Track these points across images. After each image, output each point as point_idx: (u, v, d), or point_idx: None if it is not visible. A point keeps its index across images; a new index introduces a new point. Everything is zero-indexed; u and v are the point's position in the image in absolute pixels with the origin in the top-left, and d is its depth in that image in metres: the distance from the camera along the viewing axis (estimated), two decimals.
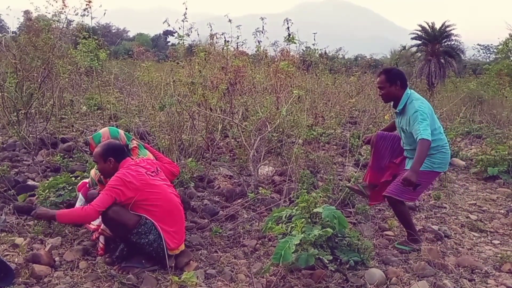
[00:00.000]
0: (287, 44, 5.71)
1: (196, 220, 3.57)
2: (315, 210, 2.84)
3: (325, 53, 9.70)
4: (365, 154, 6.00)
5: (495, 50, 25.43)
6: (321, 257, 2.59)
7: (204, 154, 5.38)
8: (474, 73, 20.76)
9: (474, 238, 3.63)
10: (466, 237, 3.65)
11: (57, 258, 2.77)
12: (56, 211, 2.59)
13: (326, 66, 8.37)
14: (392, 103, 3.36)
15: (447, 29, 24.16)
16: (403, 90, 3.19)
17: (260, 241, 3.26)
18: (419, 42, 25.07)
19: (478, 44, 33.69)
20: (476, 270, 2.95)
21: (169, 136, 4.89)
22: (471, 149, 7.34)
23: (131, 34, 50.63)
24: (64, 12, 6.12)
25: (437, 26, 24.37)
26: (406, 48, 26.66)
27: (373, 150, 3.54)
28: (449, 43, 24.39)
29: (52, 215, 2.56)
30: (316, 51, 8.25)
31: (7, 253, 2.81)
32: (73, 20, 7.57)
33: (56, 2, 5.98)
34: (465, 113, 9.38)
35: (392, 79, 3.18)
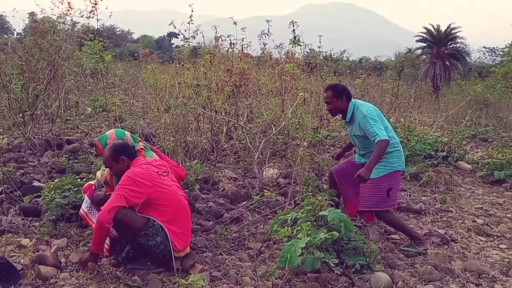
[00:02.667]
0: (292, 47, 5.70)
1: (201, 222, 3.57)
2: (321, 213, 2.83)
3: (331, 55, 9.68)
4: None
5: (501, 53, 25.24)
6: (327, 260, 2.57)
7: (209, 156, 5.38)
8: (480, 76, 20.62)
9: (480, 243, 3.59)
10: (472, 241, 3.61)
11: (62, 260, 2.78)
12: (90, 249, 2.62)
13: (331, 68, 8.35)
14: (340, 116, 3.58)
15: (453, 31, 24.06)
16: (348, 103, 3.39)
17: (265, 244, 3.25)
18: (424, 44, 24.97)
19: (484, 47, 33.42)
20: (483, 275, 2.92)
21: (174, 138, 4.90)
22: (477, 153, 7.29)
23: (135, 36, 50.89)
24: (70, 14, 6.17)
25: (443, 28, 24.30)
26: (412, 50, 26.58)
27: (338, 186, 3.60)
28: (455, 45, 24.27)
29: (91, 253, 2.61)
30: (321, 53, 8.23)
31: (13, 254, 2.82)
32: (78, 22, 7.62)
33: (62, 4, 6.04)
34: (471, 116, 9.31)
35: (338, 94, 3.39)
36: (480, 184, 5.49)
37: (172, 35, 44.00)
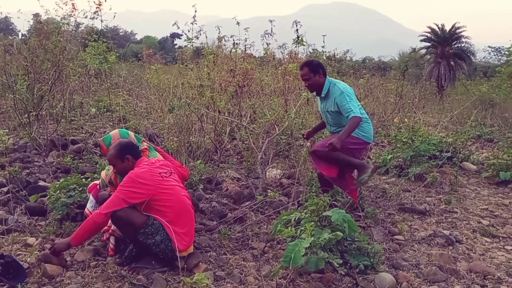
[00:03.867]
0: (296, 47, 5.71)
1: (204, 222, 3.57)
2: (324, 213, 2.83)
3: (334, 55, 9.67)
4: (374, 158, 5.97)
5: (506, 53, 25.08)
6: (331, 260, 2.57)
7: (212, 156, 5.39)
8: (485, 76, 20.49)
9: (486, 244, 3.57)
10: (478, 242, 3.59)
11: (68, 258, 2.79)
12: (69, 238, 2.61)
13: (334, 68, 8.33)
14: (315, 93, 3.70)
15: (457, 31, 23.88)
16: (325, 78, 3.52)
17: (268, 243, 3.25)
18: (428, 44, 24.82)
19: (489, 46, 33.17)
20: (489, 276, 2.90)
21: (177, 139, 4.91)
22: (482, 153, 7.24)
23: (138, 37, 51.10)
24: (74, 15, 6.21)
25: (447, 28, 24.14)
26: (416, 50, 26.45)
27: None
28: (459, 45, 24.07)
29: (67, 243, 2.60)
30: (324, 53, 8.22)
31: (19, 252, 2.85)
32: (82, 23, 7.66)
33: (66, 5, 6.08)
34: (476, 116, 9.25)
35: (315, 69, 3.49)
36: (485, 185, 5.45)
37: (175, 35, 44.14)
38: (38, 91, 5.92)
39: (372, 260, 2.83)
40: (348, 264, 2.75)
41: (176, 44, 44.01)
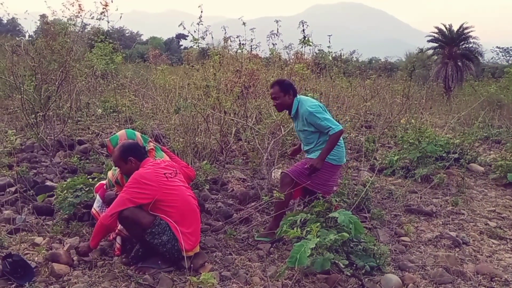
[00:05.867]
0: (302, 47, 5.69)
1: (210, 222, 3.58)
2: (331, 214, 2.82)
3: (340, 55, 9.63)
4: (380, 159, 5.94)
5: None
6: (337, 261, 2.56)
7: (218, 157, 5.40)
8: (493, 77, 20.24)
9: (493, 246, 3.54)
10: (485, 244, 3.56)
11: (75, 258, 2.82)
12: (89, 242, 2.73)
13: (340, 69, 8.30)
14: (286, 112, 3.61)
15: (465, 31, 23.69)
16: (294, 98, 3.43)
17: (274, 244, 3.25)
18: (435, 44, 24.64)
19: (498, 47, 32.81)
20: (496, 278, 2.88)
21: (183, 139, 4.92)
22: (490, 155, 7.17)
23: (144, 38, 51.34)
24: (80, 16, 6.24)
25: (455, 28, 23.94)
26: (423, 50, 26.26)
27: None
28: (467, 45, 23.87)
29: (88, 245, 2.73)
30: (330, 54, 8.19)
31: (27, 251, 2.88)
32: (88, 24, 7.70)
33: (73, 6, 6.11)
34: (484, 117, 9.16)
35: (285, 89, 3.40)
36: (492, 186, 5.40)
37: (180, 36, 44.31)
38: (45, 91, 5.97)
39: (378, 261, 2.81)
40: (354, 265, 2.74)
41: (181, 45, 44.17)
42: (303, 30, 4.86)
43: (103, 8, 6.12)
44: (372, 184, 4.08)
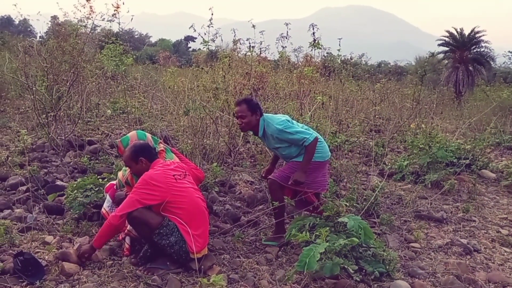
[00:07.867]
0: (311, 50, 5.68)
1: (218, 224, 3.58)
2: (340, 219, 2.80)
3: (350, 58, 9.59)
4: (389, 164, 5.88)
5: None
6: (346, 266, 2.54)
7: (226, 159, 5.40)
8: (505, 82, 19.95)
9: (505, 254, 3.48)
10: (496, 252, 3.50)
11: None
12: (92, 241, 2.71)
13: (350, 72, 8.27)
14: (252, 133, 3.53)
15: (477, 35, 23.39)
16: (260, 118, 3.30)
17: (282, 248, 3.23)
18: (446, 48, 24.37)
19: (510, 51, 32.32)
20: (508, 287, 2.82)
21: (192, 141, 4.94)
22: (501, 161, 7.05)
23: (153, 40, 51.67)
24: (91, 17, 6.31)
25: (466, 32, 23.65)
26: (434, 54, 26.03)
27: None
28: (479, 50, 23.53)
29: (91, 246, 2.69)
30: (339, 57, 8.17)
31: (38, 250, 2.90)
32: (99, 25, 7.78)
33: (84, 7, 6.19)
34: (496, 123, 9.03)
35: (253, 108, 3.26)
36: (504, 193, 5.31)
37: (189, 38, 44.52)
38: (56, 92, 6.04)
39: (387, 267, 2.78)
40: (363, 271, 2.72)
41: (190, 47, 44.40)
42: (313, 33, 4.86)
43: (115, 10, 6.19)
44: (381, 189, 4.04)
